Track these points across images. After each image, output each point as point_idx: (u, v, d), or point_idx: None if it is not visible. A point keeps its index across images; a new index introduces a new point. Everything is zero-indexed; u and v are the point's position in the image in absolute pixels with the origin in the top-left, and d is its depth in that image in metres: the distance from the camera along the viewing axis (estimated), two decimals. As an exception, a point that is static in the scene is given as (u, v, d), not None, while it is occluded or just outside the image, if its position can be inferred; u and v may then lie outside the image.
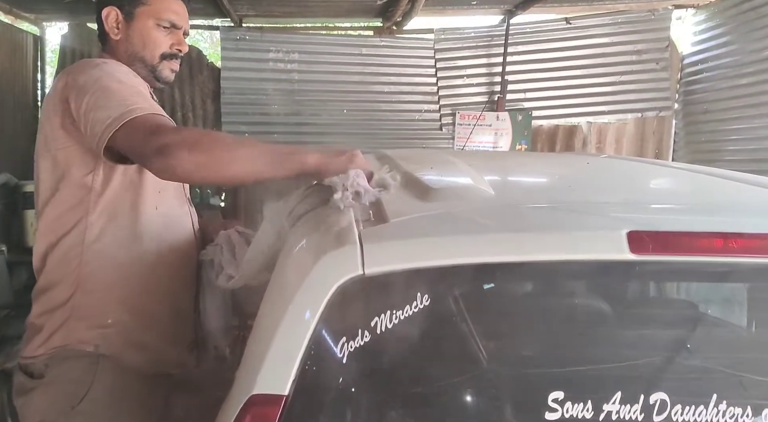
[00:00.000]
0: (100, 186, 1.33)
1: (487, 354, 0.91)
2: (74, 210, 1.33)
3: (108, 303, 1.35)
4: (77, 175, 1.32)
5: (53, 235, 1.35)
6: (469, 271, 0.92)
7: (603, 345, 0.93)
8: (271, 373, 0.88)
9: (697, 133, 4.98)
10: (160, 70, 1.46)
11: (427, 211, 1.07)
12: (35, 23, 5.28)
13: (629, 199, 1.15)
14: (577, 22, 5.15)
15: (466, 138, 5.15)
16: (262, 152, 1.18)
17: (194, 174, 1.17)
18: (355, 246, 0.93)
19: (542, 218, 1.02)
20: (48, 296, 1.36)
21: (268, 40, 5.11)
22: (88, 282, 1.34)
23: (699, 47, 4.95)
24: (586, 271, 0.94)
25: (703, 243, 0.90)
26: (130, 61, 1.43)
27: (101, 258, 1.34)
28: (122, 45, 1.43)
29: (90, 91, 1.25)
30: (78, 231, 1.33)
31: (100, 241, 1.34)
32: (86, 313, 1.34)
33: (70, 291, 1.33)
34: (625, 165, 1.69)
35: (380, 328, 0.90)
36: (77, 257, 1.33)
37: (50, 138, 1.33)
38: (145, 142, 1.17)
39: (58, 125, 1.31)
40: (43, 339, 1.33)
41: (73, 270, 1.33)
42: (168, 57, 1.46)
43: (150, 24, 1.42)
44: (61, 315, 1.33)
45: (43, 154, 1.35)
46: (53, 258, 1.35)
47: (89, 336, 1.33)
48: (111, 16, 1.42)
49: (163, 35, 1.44)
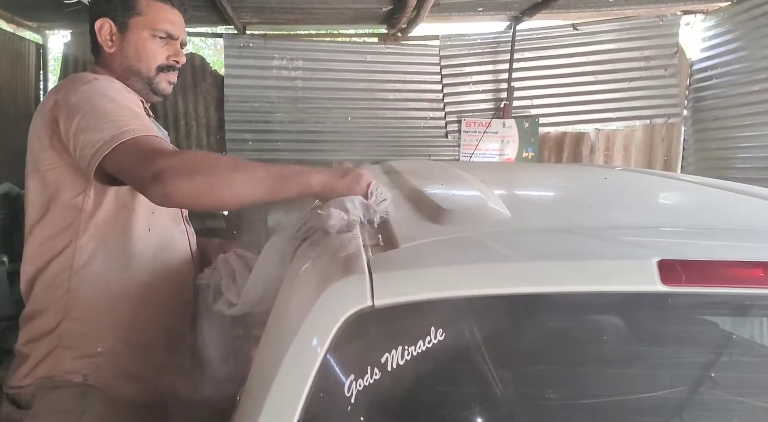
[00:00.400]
0: (92, 207, 1.27)
1: (507, 394, 0.84)
2: (63, 233, 1.27)
3: (97, 331, 1.28)
4: (67, 196, 1.26)
5: (41, 260, 1.28)
6: (487, 303, 0.85)
7: (632, 383, 0.86)
8: (273, 416, 0.81)
9: (707, 140, 4.90)
10: (157, 83, 1.40)
11: (439, 234, 1.00)
12: (37, 31, 5.25)
13: (656, 221, 1.08)
14: (584, 28, 5.09)
15: (472, 146, 5.08)
16: (264, 175, 1.12)
17: (195, 201, 1.12)
18: (364, 275, 0.86)
19: (564, 245, 0.95)
20: (35, 323, 1.29)
21: (272, 48, 5.06)
22: (77, 309, 1.27)
23: (708, 53, 4.88)
24: (613, 304, 0.87)
25: (742, 274, 0.83)
26: (125, 74, 1.37)
27: (90, 284, 1.28)
28: (117, 58, 1.37)
29: (80, 112, 1.19)
30: (66, 255, 1.27)
31: (89, 266, 1.28)
32: (74, 342, 1.27)
33: (57, 319, 1.27)
34: (645, 180, 1.62)
35: (391, 365, 0.83)
36: (65, 282, 1.27)
37: (39, 158, 1.27)
38: (140, 168, 1.11)
39: (47, 145, 1.25)
40: (29, 368, 1.27)
41: (61, 296, 1.27)
42: (165, 69, 1.40)
43: (145, 35, 1.36)
44: (47, 344, 1.27)
45: (32, 173, 1.29)
46: (40, 284, 1.29)
47: (77, 366, 1.26)
48: (104, 28, 1.36)
49: (159, 46, 1.38)
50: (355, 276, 0.86)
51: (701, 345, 0.88)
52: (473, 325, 0.85)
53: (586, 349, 0.87)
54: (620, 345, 0.88)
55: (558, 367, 0.87)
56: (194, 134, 5.10)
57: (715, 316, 0.91)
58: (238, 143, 5.10)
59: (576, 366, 0.87)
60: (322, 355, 0.82)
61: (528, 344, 0.87)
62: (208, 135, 5.14)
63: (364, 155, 5.08)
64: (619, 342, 0.88)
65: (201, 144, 5.13)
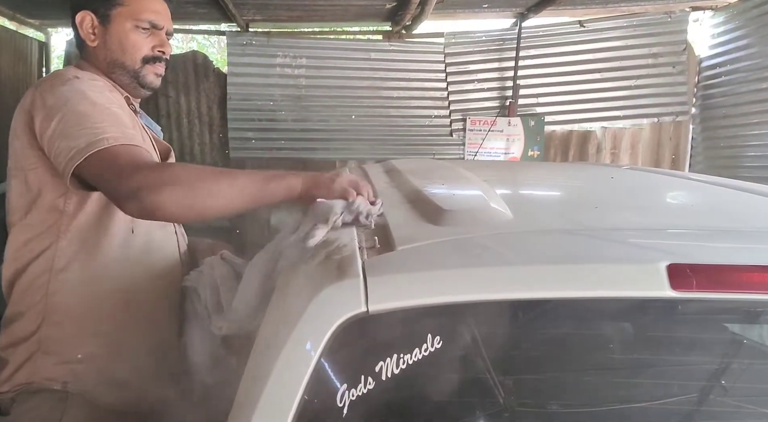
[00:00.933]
0: (73, 209, 1.23)
1: (507, 403, 0.80)
2: (44, 235, 1.23)
3: (78, 337, 1.24)
4: (48, 197, 1.22)
5: (20, 261, 1.24)
6: (487, 309, 0.81)
7: (638, 393, 0.82)
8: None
9: (716, 138, 4.84)
10: (143, 76, 1.35)
11: (438, 236, 0.96)
12: (40, 29, 5.25)
13: (665, 222, 1.04)
14: (591, 25, 5.03)
15: (477, 144, 5.04)
16: (246, 182, 1.09)
17: (176, 215, 1.12)
18: (358, 279, 0.82)
19: (568, 247, 0.90)
20: (14, 327, 1.25)
21: (275, 45, 5.03)
22: (56, 314, 1.23)
23: (717, 50, 4.82)
24: (620, 310, 0.83)
25: (756, 279, 0.79)
26: (110, 68, 1.33)
27: (70, 288, 1.24)
28: (100, 51, 1.32)
29: (57, 116, 1.15)
30: (46, 257, 1.23)
31: (69, 269, 1.24)
32: (54, 347, 1.23)
33: (36, 324, 1.23)
34: (652, 179, 1.57)
35: (385, 374, 0.79)
36: (44, 286, 1.23)
37: (20, 156, 1.23)
38: (115, 183, 1.08)
39: (26, 144, 1.21)
40: (7, 374, 1.23)
41: (40, 300, 1.23)
42: (150, 60, 1.35)
43: (128, 26, 1.31)
44: (26, 350, 1.23)
45: (14, 172, 1.25)
46: (19, 287, 1.25)
47: (57, 373, 1.22)
48: (86, 21, 1.31)
49: (143, 37, 1.33)
50: (349, 280, 0.82)
51: (712, 353, 0.84)
52: (472, 332, 0.81)
53: (589, 357, 0.83)
54: (627, 353, 0.84)
55: (561, 376, 0.82)
56: (197, 132, 5.08)
57: (727, 323, 0.86)
58: (240, 141, 5.08)
59: (579, 375, 0.83)
60: (313, 363, 0.79)
61: (528, 352, 0.83)
62: (210, 133, 5.12)
63: (368, 154, 5.05)
64: (626, 350, 0.84)
65: (204, 142, 5.11)
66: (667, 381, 0.83)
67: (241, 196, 1.09)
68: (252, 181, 1.09)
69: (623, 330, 0.84)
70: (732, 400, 0.84)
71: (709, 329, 0.85)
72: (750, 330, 0.86)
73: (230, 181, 1.09)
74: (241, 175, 1.12)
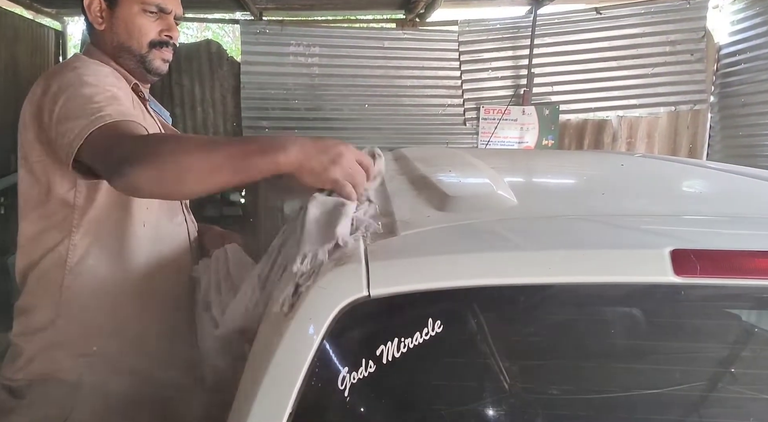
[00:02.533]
0: (84, 202, 1.23)
1: (507, 388, 0.80)
2: (56, 228, 1.24)
3: (92, 330, 1.25)
4: (59, 190, 1.22)
5: (34, 253, 1.25)
6: (489, 294, 0.81)
7: (641, 379, 0.81)
8: (265, 409, 0.78)
9: (735, 127, 4.77)
10: (150, 61, 1.34)
11: (441, 222, 0.96)
12: (56, 18, 5.29)
13: (672, 209, 1.02)
14: (607, 12, 4.97)
15: (490, 133, 5.01)
16: (224, 155, 1.01)
17: (159, 189, 1.04)
18: (360, 264, 0.83)
19: (570, 233, 0.90)
20: (28, 317, 1.27)
21: (289, 34, 5.03)
22: (71, 307, 1.24)
23: (737, 37, 4.73)
24: (622, 296, 0.82)
25: (760, 264, 0.78)
26: (117, 52, 1.33)
27: (85, 282, 1.25)
28: (107, 35, 1.32)
29: (60, 101, 1.15)
30: (59, 252, 1.24)
31: (83, 264, 1.24)
32: (69, 340, 1.24)
33: (51, 316, 1.24)
34: (663, 167, 1.55)
35: (387, 358, 0.79)
36: (59, 280, 1.24)
37: (28, 148, 1.23)
38: (106, 157, 1.06)
39: (34, 136, 1.21)
40: (23, 363, 1.25)
41: (55, 293, 1.24)
42: (157, 45, 1.34)
43: (135, 10, 1.30)
44: (41, 340, 1.24)
45: (23, 163, 1.26)
46: (33, 278, 1.26)
47: (72, 365, 1.24)
48: (94, 4, 1.31)
49: (150, 21, 1.32)
50: (351, 264, 0.83)
51: (716, 339, 0.83)
52: (473, 317, 0.81)
53: (592, 343, 0.83)
54: (630, 338, 0.83)
55: (563, 361, 0.82)
56: (211, 121, 5.11)
57: (731, 309, 0.85)
58: (254, 130, 5.10)
59: (582, 360, 0.82)
60: (315, 346, 0.79)
61: (529, 337, 0.83)
62: (224, 122, 5.15)
63: (381, 142, 5.04)
64: (629, 336, 0.83)
65: (218, 131, 5.14)
66: (670, 367, 0.82)
67: (219, 171, 1.00)
68: (230, 155, 1.00)
69: (626, 315, 0.84)
70: (737, 387, 0.84)
71: (712, 315, 0.84)
72: (754, 316, 0.85)
73: (206, 154, 1.01)
74: (222, 148, 1.03)
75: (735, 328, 0.85)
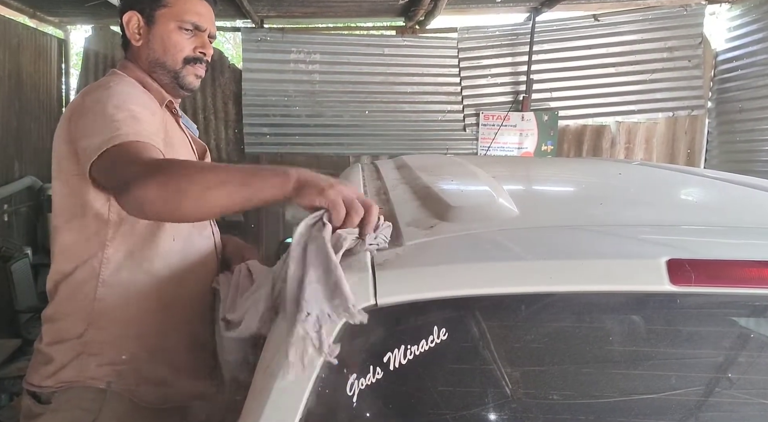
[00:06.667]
0: (117, 217, 1.25)
1: (511, 394, 0.83)
2: (90, 241, 1.26)
3: (123, 340, 1.28)
4: (93, 204, 1.25)
5: (68, 264, 1.27)
6: (491, 303, 0.84)
7: (637, 384, 0.84)
8: (274, 414, 0.81)
9: (732, 132, 4.80)
10: (184, 76, 1.37)
11: (445, 232, 0.99)
12: (59, 27, 5.33)
13: (668, 219, 1.06)
14: (605, 19, 5.01)
15: (490, 139, 5.05)
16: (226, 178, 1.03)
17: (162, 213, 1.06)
18: (367, 273, 0.86)
19: (569, 243, 0.93)
20: (59, 326, 1.29)
21: (290, 41, 5.07)
22: (103, 318, 1.27)
23: (734, 44, 4.78)
24: (620, 304, 0.85)
25: (754, 274, 0.81)
26: (152, 67, 1.36)
27: (117, 295, 1.27)
28: (143, 51, 1.36)
29: (89, 116, 1.18)
30: (92, 264, 1.26)
31: (116, 277, 1.27)
32: (99, 349, 1.27)
33: (83, 326, 1.26)
34: (661, 175, 1.58)
35: (393, 364, 0.82)
36: (92, 292, 1.26)
37: (63, 162, 1.26)
38: (114, 176, 1.09)
39: (67, 151, 1.24)
40: (52, 370, 1.27)
41: (87, 304, 1.26)
42: (191, 61, 1.37)
43: (171, 27, 1.34)
44: (72, 349, 1.26)
45: (57, 175, 1.28)
46: (66, 288, 1.28)
47: (101, 373, 1.26)
48: (132, 21, 1.34)
49: (185, 38, 1.35)
50: (359, 274, 0.86)
51: (712, 346, 0.86)
52: (476, 325, 0.84)
53: (591, 350, 0.86)
54: (628, 345, 0.86)
55: (563, 368, 0.85)
56: (213, 128, 5.15)
57: (726, 317, 0.88)
58: (255, 137, 5.13)
59: (581, 367, 0.85)
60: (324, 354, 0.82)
61: (531, 344, 0.86)
62: (226, 129, 5.18)
63: (381, 149, 5.08)
64: (627, 343, 0.86)
65: (219, 137, 5.17)
66: (667, 373, 0.85)
67: (222, 194, 1.02)
68: (232, 177, 1.03)
69: (624, 323, 0.87)
70: (733, 392, 0.86)
71: (708, 323, 0.87)
72: (749, 324, 0.88)
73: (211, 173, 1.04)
74: (223, 172, 1.06)
75: (730, 336, 0.88)
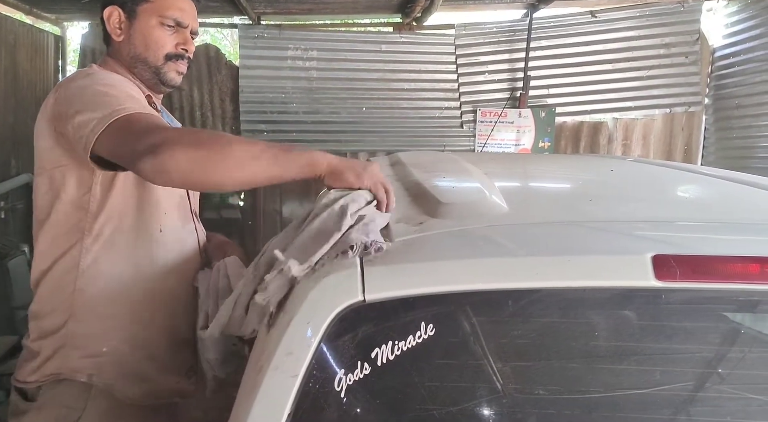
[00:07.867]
0: (97, 207, 1.25)
1: (498, 388, 0.84)
2: (69, 233, 1.26)
3: (103, 332, 1.28)
4: (73, 195, 1.25)
5: (46, 260, 1.28)
6: (478, 299, 0.85)
7: (624, 381, 0.85)
8: (263, 410, 0.81)
9: (729, 129, 4.81)
10: (165, 72, 1.37)
11: (434, 228, 1.00)
12: (56, 23, 5.32)
13: (656, 215, 1.06)
14: (602, 15, 5.01)
15: (487, 135, 5.05)
16: (268, 149, 1.06)
17: (193, 174, 1.03)
18: (355, 269, 0.86)
19: (557, 239, 0.94)
20: (41, 322, 1.30)
21: (287, 38, 5.06)
22: (83, 310, 1.27)
23: (731, 40, 4.77)
24: (606, 300, 0.86)
25: (738, 269, 0.82)
26: (133, 63, 1.36)
27: (97, 286, 1.27)
28: (125, 46, 1.35)
29: (77, 99, 1.18)
30: (72, 256, 1.26)
31: (95, 267, 1.27)
32: (80, 342, 1.27)
33: (63, 319, 1.27)
34: (653, 172, 1.59)
35: (381, 360, 0.83)
36: (71, 284, 1.26)
37: (44, 156, 1.26)
38: (133, 142, 1.06)
39: (53, 143, 1.23)
40: (36, 365, 1.28)
41: (67, 297, 1.27)
42: (173, 58, 1.37)
43: (153, 22, 1.34)
44: (54, 343, 1.27)
45: (39, 172, 1.28)
46: (46, 284, 1.29)
47: (83, 365, 1.27)
48: (113, 16, 1.34)
49: (167, 34, 1.35)
50: (348, 270, 0.86)
51: (697, 341, 0.87)
52: (464, 320, 0.85)
53: (578, 346, 0.86)
54: (614, 341, 0.87)
55: (550, 363, 0.86)
56: (210, 125, 5.14)
57: (711, 312, 0.89)
58: (253, 134, 5.12)
59: (568, 363, 0.86)
60: (312, 350, 0.83)
61: (519, 340, 0.87)
62: (223, 126, 5.17)
63: (379, 146, 5.08)
64: (614, 339, 0.87)
65: (216, 135, 5.15)
66: (653, 368, 0.86)
67: (265, 162, 1.04)
68: (273, 149, 1.06)
69: (611, 319, 0.88)
70: (719, 387, 0.87)
71: (694, 318, 0.88)
72: (734, 319, 0.89)
73: (254, 146, 1.05)
74: (265, 143, 1.08)
75: (715, 331, 0.89)
